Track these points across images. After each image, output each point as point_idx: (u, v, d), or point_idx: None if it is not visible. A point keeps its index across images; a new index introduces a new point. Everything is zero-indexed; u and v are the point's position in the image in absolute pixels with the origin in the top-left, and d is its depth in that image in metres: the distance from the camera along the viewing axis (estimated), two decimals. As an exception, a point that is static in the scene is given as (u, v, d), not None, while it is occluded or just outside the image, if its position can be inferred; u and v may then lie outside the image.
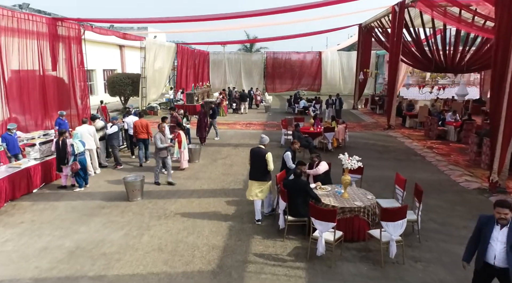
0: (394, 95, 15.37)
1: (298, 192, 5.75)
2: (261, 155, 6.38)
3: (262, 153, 6.39)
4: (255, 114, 21.14)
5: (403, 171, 9.71)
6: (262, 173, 6.44)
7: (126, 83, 19.89)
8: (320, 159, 7.10)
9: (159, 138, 8.27)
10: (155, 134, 8.44)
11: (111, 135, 9.66)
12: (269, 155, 6.43)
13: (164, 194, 8.00)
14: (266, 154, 6.40)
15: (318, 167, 6.86)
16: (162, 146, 8.30)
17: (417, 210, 5.68)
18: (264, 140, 6.67)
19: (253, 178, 6.53)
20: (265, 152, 6.43)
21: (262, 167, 6.40)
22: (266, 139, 6.72)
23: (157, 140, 8.27)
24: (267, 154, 6.41)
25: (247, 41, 37.42)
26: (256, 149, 6.55)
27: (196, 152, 10.60)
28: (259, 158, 6.40)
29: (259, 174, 6.47)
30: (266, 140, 6.70)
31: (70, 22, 12.73)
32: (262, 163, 6.36)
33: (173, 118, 11.06)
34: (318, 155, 7.14)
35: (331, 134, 11.80)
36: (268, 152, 6.49)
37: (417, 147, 12.56)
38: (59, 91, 12.55)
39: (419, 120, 16.08)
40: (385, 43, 19.21)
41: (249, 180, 6.64)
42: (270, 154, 6.47)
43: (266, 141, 6.70)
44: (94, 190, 8.22)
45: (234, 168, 10.03)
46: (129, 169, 9.89)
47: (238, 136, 14.63)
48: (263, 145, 6.62)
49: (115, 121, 9.96)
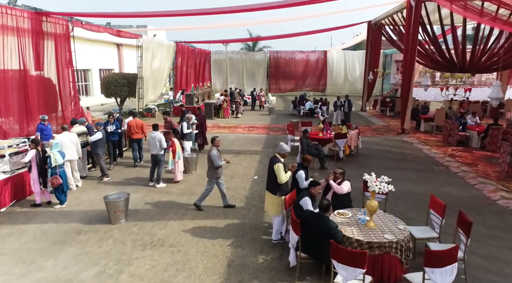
0: (409, 97, 14.18)
1: (317, 230, 4.57)
2: (271, 165, 5.75)
3: (272, 163, 5.75)
4: (258, 116, 20.00)
5: (427, 185, 8.62)
6: (271, 184, 5.81)
7: (122, 83, 18.81)
8: (344, 176, 5.95)
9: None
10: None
11: (95, 142, 8.55)
12: (278, 166, 5.62)
13: (153, 213, 6.88)
14: (274, 165, 5.65)
15: (343, 185, 5.73)
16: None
17: (465, 247, 4.51)
18: (281, 149, 5.87)
19: (266, 187, 6.02)
20: (275, 162, 5.69)
21: (271, 178, 5.78)
22: (285, 148, 5.87)
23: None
24: (276, 165, 5.62)
25: (250, 40, 36.27)
26: (271, 157, 5.96)
27: (193, 161, 9.47)
28: (271, 167, 5.77)
29: (269, 185, 5.90)
30: (284, 150, 5.86)
31: (56, 17, 11.63)
32: (272, 173, 5.74)
33: (167, 123, 9.95)
34: (343, 171, 6.00)
35: (342, 141, 10.64)
36: (278, 163, 5.65)
37: (438, 155, 11.37)
38: (45, 93, 11.45)
39: (435, 124, 14.88)
40: (397, 41, 18.00)
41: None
42: (279, 165, 5.62)
43: (284, 150, 5.86)
44: (72, 208, 7.11)
45: (234, 180, 8.90)
46: (117, 179, 8.78)
47: (240, 141, 13.50)
48: (279, 154, 5.84)
49: (99, 127, 8.84)
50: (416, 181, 8.83)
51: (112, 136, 9.74)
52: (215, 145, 6.99)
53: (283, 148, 5.84)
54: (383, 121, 18.51)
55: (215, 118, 19.13)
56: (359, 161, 10.79)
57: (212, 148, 6.91)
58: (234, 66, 33.29)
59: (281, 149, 5.85)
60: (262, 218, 6.71)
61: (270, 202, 5.82)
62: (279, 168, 5.61)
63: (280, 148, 5.87)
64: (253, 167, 10.01)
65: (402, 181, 8.83)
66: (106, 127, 9.34)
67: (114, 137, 9.84)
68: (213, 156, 6.73)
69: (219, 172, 6.92)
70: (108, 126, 9.59)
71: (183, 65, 24.06)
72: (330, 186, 5.86)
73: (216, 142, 7.01)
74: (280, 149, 5.86)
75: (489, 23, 12.76)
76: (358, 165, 10.32)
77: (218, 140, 7.07)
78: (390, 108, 20.27)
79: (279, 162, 5.65)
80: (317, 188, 5.44)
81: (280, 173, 5.58)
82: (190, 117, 10.47)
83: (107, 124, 9.60)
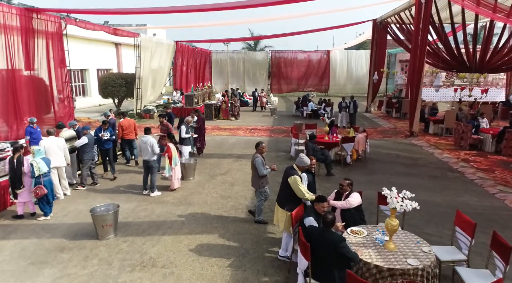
0: (418, 98, 13.54)
1: (327, 248, 3.96)
2: (286, 177, 5.22)
3: (287, 175, 5.21)
4: (259, 118, 19.38)
5: (443, 194, 7.97)
6: (284, 198, 5.30)
7: (119, 84, 18.26)
8: (352, 187, 5.33)
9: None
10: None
11: (81, 148, 7.93)
12: (294, 179, 5.08)
13: (145, 227, 6.27)
14: (289, 178, 5.12)
15: (350, 199, 5.10)
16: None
17: (502, 275, 3.87)
18: (301, 161, 5.26)
19: (276, 199, 5.52)
20: (291, 174, 5.15)
21: (284, 191, 5.28)
22: (305, 161, 5.25)
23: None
24: (292, 177, 5.10)
25: (251, 39, 35.67)
26: (287, 168, 5.42)
27: (191, 167, 8.86)
28: (285, 178, 5.26)
29: (280, 197, 5.43)
30: (304, 163, 5.25)
31: (48, 14, 11.04)
32: (285, 185, 5.24)
33: (163, 126, 9.32)
34: (351, 181, 5.35)
35: (350, 145, 10.01)
36: (294, 175, 5.09)
37: (450, 159, 10.73)
38: (36, 93, 10.87)
39: (445, 126, 14.23)
40: (404, 41, 17.36)
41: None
42: (295, 178, 5.07)
43: (304, 163, 5.25)
44: (57, 220, 6.50)
45: (235, 188, 8.28)
46: (110, 186, 8.17)
47: (241, 144, 12.89)
48: (298, 166, 5.27)
49: (86, 131, 8.22)
50: (430, 190, 8.19)
51: (106, 144, 8.90)
52: (260, 151, 6.31)
53: (303, 161, 5.21)
54: (390, 122, 17.87)
55: (215, 119, 18.52)
56: (367, 166, 10.16)
57: (256, 154, 6.28)
58: (235, 66, 32.70)
59: (300, 162, 5.23)
60: (266, 232, 6.10)
61: (279, 216, 5.35)
62: (296, 181, 5.04)
63: (299, 160, 5.24)
64: (255, 173, 9.38)
65: (415, 189, 8.12)
66: (100, 134, 8.61)
67: (108, 145, 8.96)
68: (257, 163, 6.12)
69: (265, 182, 6.33)
70: (103, 133, 8.77)
71: (183, 65, 23.48)
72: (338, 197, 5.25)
73: (261, 148, 6.33)
74: (300, 161, 5.23)
75: (503, 20, 12.12)
76: (366, 171, 9.70)
77: (263, 146, 6.37)
78: (396, 109, 19.63)
79: (295, 174, 5.08)
80: (322, 205, 4.66)
81: (297, 186, 5.03)
82: (189, 120, 9.86)
83: (100, 130, 8.78)
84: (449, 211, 6.89)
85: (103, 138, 8.69)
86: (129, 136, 9.97)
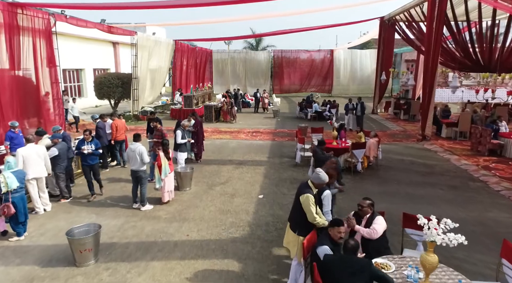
0: (432, 100, 12.69)
1: (356, 275, 3.20)
2: (298, 194, 4.40)
3: (300, 192, 4.39)
4: (261, 120, 18.55)
5: (467, 208, 7.09)
6: (295, 219, 4.48)
7: (115, 84, 17.45)
8: (374, 208, 4.45)
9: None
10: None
11: (53, 159, 6.94)
12: (306, 198, 4.24)
13: (132, 249, 5.45)
14: (301, 196, 4.29)
15: (376, 226, 4.16)
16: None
17: None
18: (317, 177, 4.39)
19: (289, 217, 4.71)
20: (304, 191, 4.31)
21: (296, 211, 4.46)
22: (322, 178, 4.37)
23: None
24: (304, 196, 4.26)
25: (252, 36, 34.85)
26: (302, 184, 4.55)
27: (187, 177, 8.04)
28: (297, 196, 4.45)
29: (292, 218, 4.59)
30: (321, 180, 4.38)
31: (35, 10, 10.26)
32: (297, 204, 4.42)
33: (157, 132, 8.50)
34: (372, 202, 4.42)
35: (361, 152, 9.19)
36: (307, 194, 4.27)
37: (470, 166, 9.88)
38: (22, 95, 10.10)
39: (460, 130, 13.38)
40: (415, 40, 16.50)
41: None
42: (307, 197, 4.23)
43: (321, 180, 4.38)
44: (32, 241, 5.70)
45: (236, 200, 7.46)
46: (97, 198, 7.36)
47: (242, 148, 12.08)
48: (314, 183, 4.41)
49: (56, 140, 7.18)
50: (452, 202, 7.35)
51: (90, 159, 7.33)
52: (329, 168, 5.27)
53: (319, 177, 4.33)
54: (398, 125, 17.02)
55: (216, 122, 17.71)
56: (380, 174, 9.34)
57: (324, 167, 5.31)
58: (237, 66, 31.92)
59: (317, 178, 4.35)
60: (270, 256, 5.28)
61: (290, 239, 4.52)
62: (308, 200, 4.20)
63: (315, 176, 4.37)
64: (257, 183, 8.58)
65: (436, 202, 7.37)
66: (81, 147, 7.23)
67: (93, 159, 7.37)
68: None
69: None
70: (84, 146, 7.27)
71: (182, 64, 22.69)
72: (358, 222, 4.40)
73: (329, 163, 5.45)
74: (316, 177, 4.36)
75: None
76: (379, 180, 8.88)
77: (333, 161, 5.51)
78: (405, 111, 18.76)
79: (309, 193, 4.24)
80: (338, 230, 3.85)
81: (309, 208, 4.19)
82: (185, 124, 9.04)
83: (83, 143, 7.34)
84: (478, 229, 6.09)
85: (84, 152, 7.24)
86: (121, 137, 9.73)
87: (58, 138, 7.20)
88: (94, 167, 7.47)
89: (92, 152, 7.31)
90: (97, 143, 7.51)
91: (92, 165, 7.40)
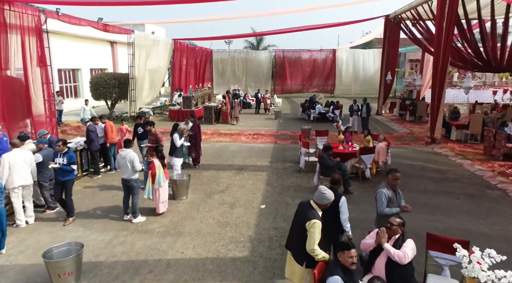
0: (441, 102, 12.09)
1: None
2: (302, 219, 3.66)
3: (304, 217, 3.65)
4: (263, 121, 17.97)
5: (488, 221, 6.42)
6: (300, 248, 3.67)
7: (112, 84, 16.86)
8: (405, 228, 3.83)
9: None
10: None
11: (36, 167, 6.34)
12: (314, 225, 3.53)
13: (120, 270, 4.87)
14: (308, 222, 3.56)
15: (407, 249, 3.53)
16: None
17: None
18: (321, 197, 3.72)
19: (287, 245, 4.04)
20: (310, 216, 3.59)
21: (298, 237, 3.70)
22: (327, 197, 3.72)
23: None
24: (311, 222, 3.54)
25: (253, 35, 34.22)
26: (304, 205, 3.82)
27: (183, 185, 7.46)
28: (299, 220, 3.72)
29: (294, 246, 3.84)
30: (326, 199, 3.72)
31: (23, 6, 9.70)
32: (300, 231, 3.67)
33: (151, 136, 7.92)
34: (404, 221, 3.76)
35: (369, 157, 8.60)
36: (315, 220, 3.57)
37: (485, 172, 9.29)
38: (10, 96, 9.55)
39: (471, 132, 12.78)
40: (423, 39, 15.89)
41: None
42: (316, 224, 3.54)
43: (326, 200, 3.72)
44: (9, 260, 5.12)
45: (236, 211, 6.88)
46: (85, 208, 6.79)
47: (243, 152, 11.49)
48: (317, 203, 3.73)
49: (42, 146, 6.56)
50: (471, 214, 6.76)
51: (60, 174, 6.11)
52: (391, 181, 4.69)
53: (325, 197, 3.69)
54: (405, 127, 16.43)
55: (216, 123, 17.14)
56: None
57: (383, 184, 4.73)
58: (237, 65, 31.36)
59: (321, 198, 3.70)
60: (274, 279, 4.70)
61: (294, 270, 3.82)
62: (315, 228, 3.51)
63: (319, 195, 3.71)
64: (259, 190, 8.00)
65: (453, 214, 6.78)
66: (55, 160, 6.16)
67: (64, 176, 6.12)
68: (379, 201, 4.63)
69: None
70: (57, 159, 6.13)
71: (182, 64, 22.12)
72: (378, 247, 3.78)
73: (392, 177, 4.71)
74: (321, 197, 3.70)
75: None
76: (390, 187, 8.27)
77: (396, 175, 4.71)
78: (411, 112, 18.16)
79: (316, 219, 3.57)
80: (349, 254, 3.28)
81: (314, 235, 3.51)
82: (183, 128, 8.46)
83: (56, 155, 6.22)
84: (505, 247, 5.47)
85: (50, 166, 6.15)
86: (114, 140, 9.34)
87: (43, 143, 6.61)
88: (66, 185, 6.20)
89: (59, 167, 6.06)
90: (71, 157, 6.21)
91: (62, 181, 6.16)
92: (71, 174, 6.24)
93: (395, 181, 4.71)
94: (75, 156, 6.46)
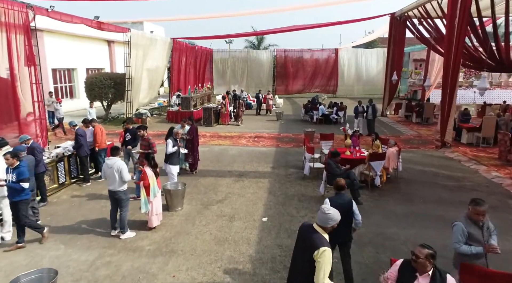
0: (453, 104, 11.46)
1: None
2: (310, 248, 3.00)
3: (311, 245, 3.01)
4: (264, 123, 17.33)
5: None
6: (302, 281, 3.07)
7: (107, 85, 16.27)
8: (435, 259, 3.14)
9: None
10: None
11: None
12: (323, 254, 2.91)
13: (102, 298, 4.26)
14: (317, 251, 2.92)
15: None
16: None
17: None
18: (325, 218, 3.11)
19: (290, 279, 3.34)
20: (317, 244, 2.97)
21: (304, 269, 3.04)
22: (334, 218, 3.12)
23: None
24: (320, 251, 2.91)
25: (253, 34, 33.60)
26: (306, 229, 3.19)
27: (178, 195, 6.83)
28: (304, 249, 3.08)
29: (296, 281, 3.20)
30: (333, 220, 3.12)
31: (9, 1, 9.09)
32: (306, 261, 3.01)
33: (143, 141, 7.30)
34: (433, 252, 2.97)
35: (379, 163, 7.96)
36: (325, 247, 2.94)
37: (503, 180, 8.65)
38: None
39: (483, 135, 12.14)
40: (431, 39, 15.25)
41: None
42: (326, 252, 2.92)
43: (331, 222, 3.11)
44: (-23, 286, 4.52)
45: (235, 225, 6.25)
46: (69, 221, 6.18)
47: (243, 156, 10.87)
48: (322, 227, 3.11)
49: (20, 153, 5.56)
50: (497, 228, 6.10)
51: (10, 194, 5.15)
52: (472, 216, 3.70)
53: (330, 217, 3.10)
54: (411, 129, 15.78)
55: (215, 125, 16.51)
56: (401, 190, 8.12)
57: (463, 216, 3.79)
58: (238, 65, 30.76)
59: (325, 220, 3.10)
60: (279, 311, 4.08)
61: None
62: (325, 258, 2.90)
63: (323, 217, 3.11)
64: (260, 200, 7.37)
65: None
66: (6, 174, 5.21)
67: (14, 196, 5.11)
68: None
69: None
70: (7, 174, 5.15)
71: (181, 64, 21.51)
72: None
73: (473, 210, 3.67)
74: (324, 218, 3.10)
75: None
76: (402, 197, 7.66)
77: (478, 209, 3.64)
78: (417, 113, 17.52)
79: (325, 245, 2.95)
80: None
81: (324, 266, 2.89)
82: (178, 132, 7.82)
83: (7, 171, 5.21)
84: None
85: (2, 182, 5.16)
86: (104, 145, 8.77)
87: (21, 151, 5.95)
88: (17, 206, 5.13)
89: (4, 185, 5.10)
90: (20, 173, 5.09)
91: (14, 202, 5.14)
92: (22, 193, 5.14)
93: (477, 216, 3.67)
94: (26, 172, 5.21)
